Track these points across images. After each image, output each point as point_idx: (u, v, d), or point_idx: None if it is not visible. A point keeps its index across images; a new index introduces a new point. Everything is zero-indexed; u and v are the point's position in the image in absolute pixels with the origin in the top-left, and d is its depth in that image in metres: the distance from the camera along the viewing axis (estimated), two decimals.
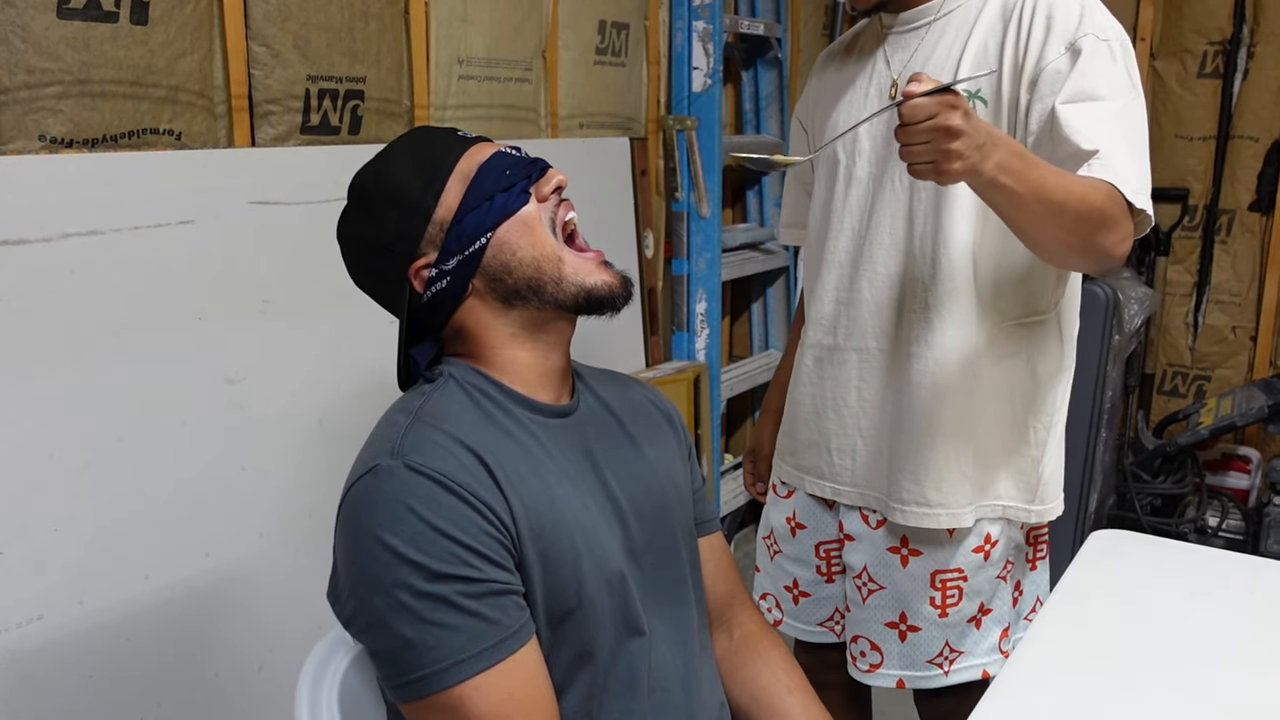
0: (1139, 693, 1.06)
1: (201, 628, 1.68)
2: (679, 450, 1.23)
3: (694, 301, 2.83)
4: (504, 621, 0.93)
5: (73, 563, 1.52)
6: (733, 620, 1.26)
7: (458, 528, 0.92)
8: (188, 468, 1.66)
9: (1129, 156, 1.23)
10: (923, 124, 1.03)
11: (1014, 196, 1.12)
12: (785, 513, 1.63)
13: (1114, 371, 3.03)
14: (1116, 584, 1.33)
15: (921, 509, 1.43)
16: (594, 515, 1.04)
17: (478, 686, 0.92)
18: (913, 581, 1.46)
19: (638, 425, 1.18)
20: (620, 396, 1.20)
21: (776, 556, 1.66)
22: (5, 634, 1.45)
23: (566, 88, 2.43)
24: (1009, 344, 1.41)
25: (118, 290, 1.55)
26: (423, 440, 0.97)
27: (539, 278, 1.05)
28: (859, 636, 1.53)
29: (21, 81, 1.45)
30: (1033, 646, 1.17)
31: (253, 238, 1.71)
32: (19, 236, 1.43)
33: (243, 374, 1.71)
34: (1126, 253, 1.23)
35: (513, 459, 1.00)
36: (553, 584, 0.99)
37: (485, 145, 1.09)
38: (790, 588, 1.64)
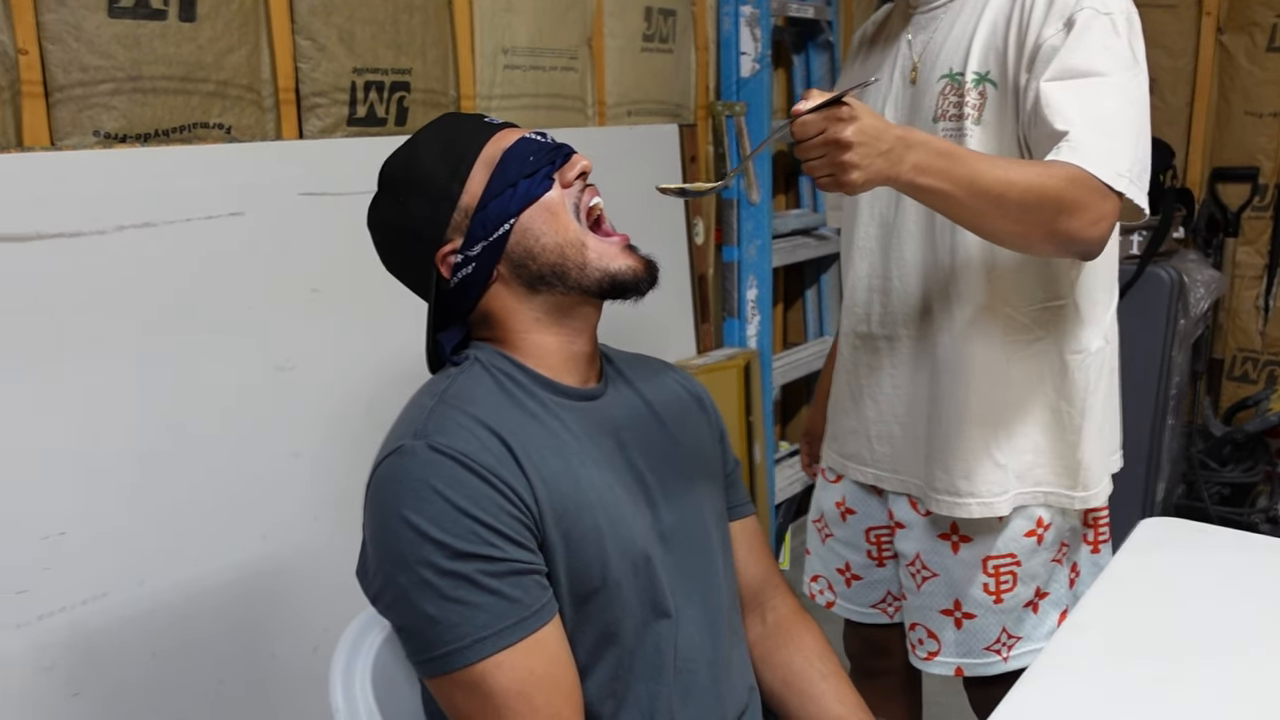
0: (1177, 683, 1.04)
1: (258, 608, 1.73)
2: (710, 433, 1.23)
3: (745, 288, 2.82)
4: (525, 600, 0.95)
5: (133, 543, 1.57)
6: (766, 604, 1.26)
7: (479, 507, 0.94)
8: (242, 453, 1.70)
9: (1112, 136, 1.19)
10: (814, 139, 1.04)
11: (942, 195, 1.11)
12: (835, 497, 1.63)
13: (1180, 357, 2.96)
14: (1163, 572, 1.30)
15: (952, 498, 1.41)
16: (619, 497, 1.05)
17: (499, 663, 0.93)
18: (965, 568, 1.45)
19: (667, 409, 1.18)
20: (650, 380, 1.20)
21: (828, 540, 1.66)
22: (71, 610, 1.51)
23: (613, 75, 2.44)
24: (1035, 329, 1.39)
25: (171, 281, 1.60)
26: (446, 422, 0.99)
27: (562, 263, 1.06)
28: (916, 624, 1.52)
29: (76, 79, 1.50)
30: (1072, 634, 1.16)
31: (301, 228, 1.75)
32: (75, 229, 1.48)
33: (293, 361, 1.75)
34: (1103, 235, 1.19)
35: (536, 441, 1.01)
36: (576, 564, 1.00)
37: (510, 131, 1.10)
38: (842, 570, 1.64)
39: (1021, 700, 1.02)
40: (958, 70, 1.34)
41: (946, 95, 1.35)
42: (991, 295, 1.37)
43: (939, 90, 1.36)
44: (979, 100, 1.32)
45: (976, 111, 1.32)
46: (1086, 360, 1.40)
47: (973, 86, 1.32)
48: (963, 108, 1.33)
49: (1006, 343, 1.38)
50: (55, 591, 1.50)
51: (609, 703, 1.04)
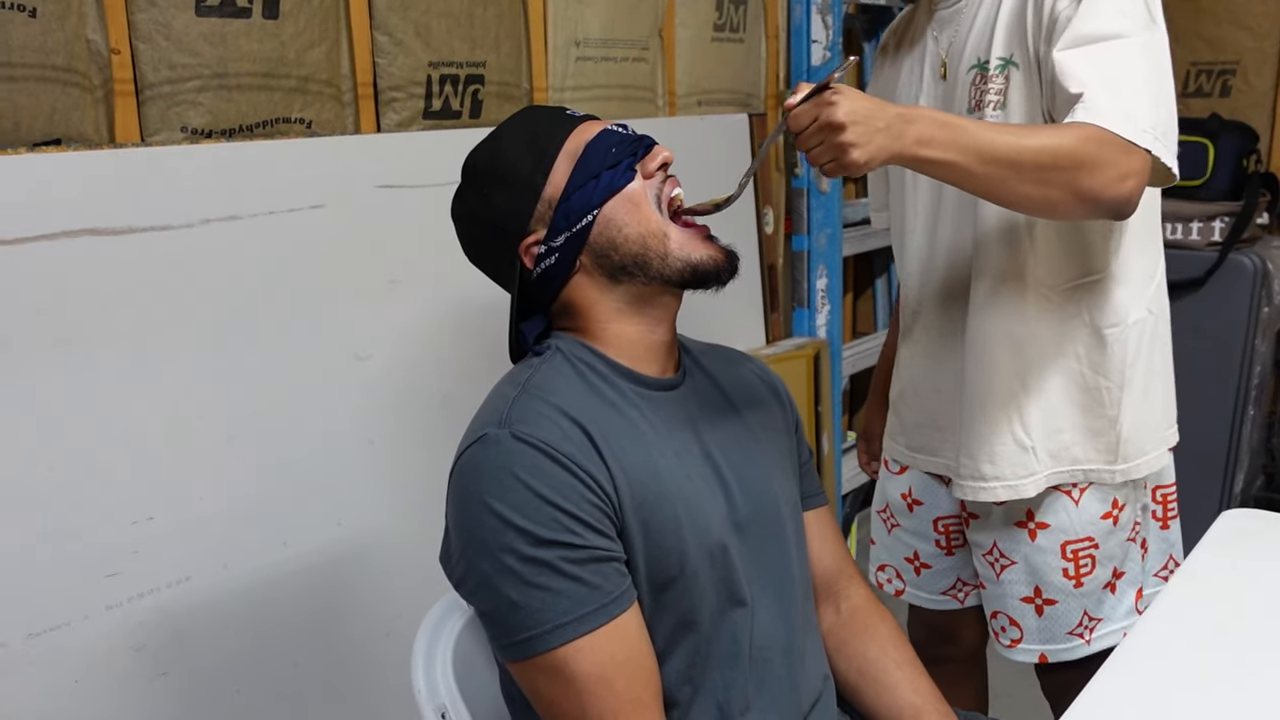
0: (1258, 673, 1.03)
1: (334, 593, 1.77)
2: (785, 424, 1.24)
3: (814, 278, 2.81)
4: (606, 587, 0.96)
5: (217, 529, 1.62)
6: (840, 594, 1.26)
7: (561, 495, 0.96)
8: (320, 441, 1.74)
9: (1131, 94, 1.17)
10: (809, 128, 1.04)
11: (952, 166, 1.10)
12: (901, 488, 1.63)
13: (1263, 346, 2.88)
14: (1243, 563, 1.28)
15: (977, 483, 1.42)
16: (697, 486, 1.06)
17: (580, 648, 0.95)
18: (1043, 555, 1.44)
19: (743, 399, 1.19)
20: (726, 371, 1.21)
21: (895, 530, 1.66)
22: (157, 593, 1.56)
23: (684, 65, 2.44)
24: (1068, 307, 1.37)
25: (255, 272, 1.64)
26: (529, 411, 1.01)
27: (644, 254, 1.07)
28: (998, 613, 1.51)
29: (165, 77, 1.54)
30: (1152, 624, 1.14)
31: (379, 220, 1.79)
32: (164, 223, 1.53)
33: (370, 351, 1.78)
34: (1132, 192, 1.16)
35: (616, 430, 1.03)
36: (655, 552, 1.01)
37: (592, 123, 1.12)
38: (911, 559, 1.65)
39: (1101, 689, 1.02)
40: (984, 59, 1.34)
41: (977, 85, 1.35)
42: (1027, 275, 1.36)
43: (970, 82, 1.37)
44: (1003, 84, 1.32)
45: (1000, 96, 1.32)
46: (1124, 333, 1.38)
47: (997, 73, 1.32)
48: (992, 94, 1.33)
49: (1034, 322, 1.38)
50: (144, 574, 1.55)
51: (685, 689, 1.05)
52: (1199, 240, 2.88)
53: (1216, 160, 2.88)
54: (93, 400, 1.48)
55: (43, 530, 1.44)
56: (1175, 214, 2.91)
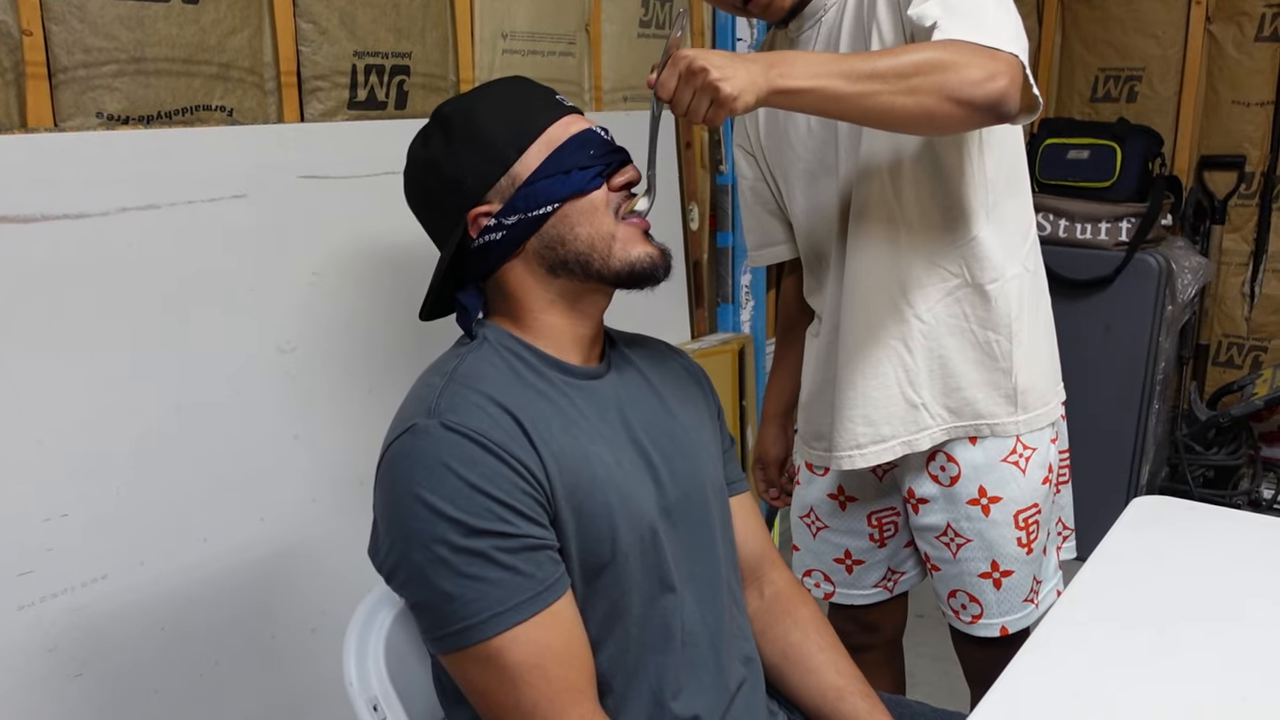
0: (1171, 652, 1.07)
1: (257, 590, 1.74)
2: (709, 411, 1.26)
3: (739, 274, 2.84)
4: (539, 575, 0.96)
5: (134, 525, 1.58)
6: (763, 578, 1.28)
7: (494, 484, 0.95)
8: (242, 436, 1.71)
9: (982, 16, 1.18)
10: (678, 88, 1.06)
11: (821, 93, 1.11)
12: (828, 488, 1.64)
13: (1166, 342, 2.99)
14: (1156, 548, 1.33)
15: (875, 446, 1.46)
16: (627, 472, 1.07)
17: (515, 638, 0.95)
18: (998, 528, 1.49)
19: (668, 386, 1.21)
20: (651, 359, 1.23)
21: (820, 533, 1.67)
22: (71, 592, 1.51)
23: (610, 61, 2.44)
24: (949, 267, 1.42)
25: (174, 263, 1.60)
26: (458, 400, 1.00)
27: (589, 254, 1.09)
28: (956, 591, 1.55)
29: (79, 60, 1.50)
30: (1068, 608, 1.18)
31: (303, 211, 1.76)
32: (79, 210, 1.48)
33: (294, 344, 1.75)
34: (1006, 90, 1.15)
35: (546, 418, 1.03)
36: (587, 539, 1.01)
37: (577, 119, 1.13)
38: (841, 559, 1.67)
39: (1021, 669, 1.04)
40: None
41: None
42: (902, 243, 1.40)
43: None
44: None
45: None
46: (1005, 287, 1.43)
47: None
48: None
49: (922, 286, 1.42)
50: (57, 573, 1.50)
51: (619, 675, 1.06)
52: (1107, 240, 2.98)
53: (1124, 163, 2.98)
54: (3, 393, 1.43)
55: None
56: (1085, 214, 3.00)
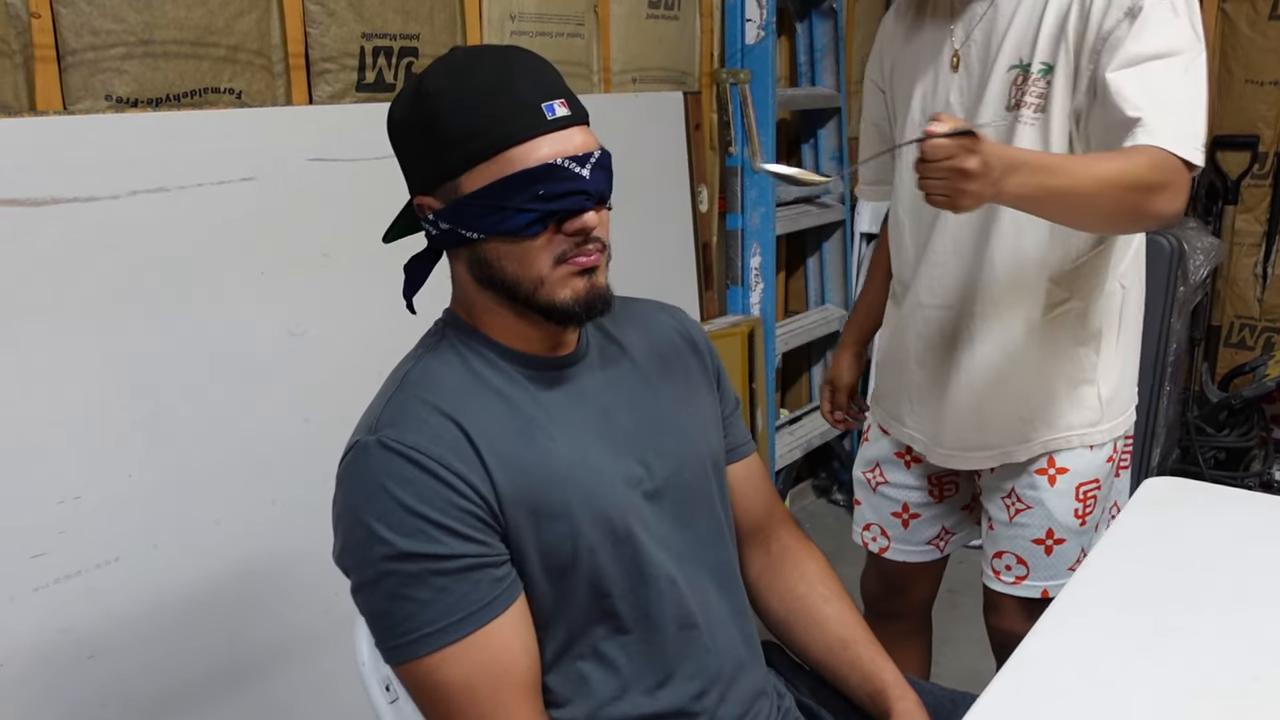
0: (1182, 634, 1.06)
1: (270, 572, 1.75)
2: (705, 377, 1.22)
3: (748, 256, 2.83)
4: (474, 596, 0.95)
5: (147, 508, 1.59)
6: (770, 536, 1.27)
7: (427, 504, 0.94)
8: (253, 419, 1.71)
9: (1182, 114, 1.26)
10: (941, 162, 1.09)
11: (1040, 205, 1.23)
12: (895, 447, 1.70)
13: (1178, 324, 2.98)
14: (1167, 529, 1.32)
15: (971, 452, 1.55)
16: (594, 467, 1.04)
17: (445, 658, 0.95)
18: (1060, 499, 1.54)
19: (655, 359, 1.17)
20: (637, 328, 1.18)
21: (880, 487, 1.72)
22: (85, 574, 1.52)
23: (619, 42, 2.43)
24: (1061, 291, 1.47)
25: (184, 245, 1.60)
26: (401, 412, 0.99)
27: (515, 287, 1.02)
28: (1004, 552, 1.59)
29: (87, 43, 1.49)
30: (1079, 589, 1.18)
31: (312, 193, 1.76)
32: (89, 194, 1.49)
33: (304, 327, 1.76)
34: (1182, 206, 1.27)
35: (500, 423, 1.00)
36: (546, 541, 1.00)
37: (544, 143, 0.97)
38: (899, 513, 1.72)
39: (1032, 652, 1.04)
40: (1026, 61, 1.40)
41: (1018, 85, 1.41)
42: (1030, 267, 1.45)
43: (1010, 81, 1.42)
44: (1044, 89, 1.39)
45: (1042, 100, 1.39)
46: (1102, 304, 1.49)
47: (1040, 76, 1.39)
48: (1034, 95, 1.40)
49: (1041, 303, 1.47)
50: (71, 555, 1.51)
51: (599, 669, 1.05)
52: None
53: None
54: (16, 376, 1.44)
55: None
56: None
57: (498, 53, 1.01)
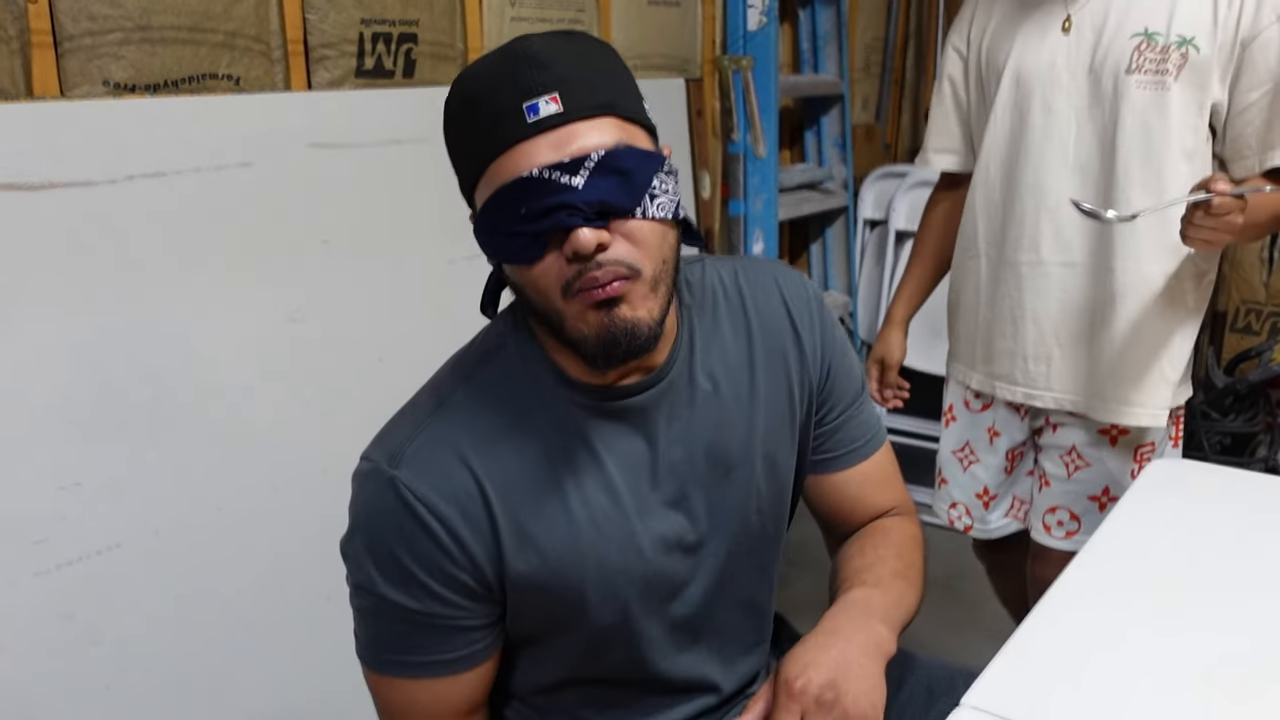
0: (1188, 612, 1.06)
1: (271, 558, 1.75)
2: (800, 375, 1.04)
3: (751, 242, 2.82)
4: (440, 651, 0.94)
5: (147, 494, 1.59)
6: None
7: (418, 563, 0.90)
8: (253, 404, 1.71)
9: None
10: (1223, 217, 1.26)
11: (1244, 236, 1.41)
12: (986, 423, 1.76)
13: None
14: (1173, 509, 1.31)
15: (1122, 406, 1.59)
16: (621, 528, 0.95)
17: (392, 684, 0.97)
18: (1119, 459, 1.63)
19: (742, 371, 1.01)
20: (735, 325, 1.01)
21: (971, 467, 1.79)
22: (86, 560, 1.52)
23: (620, 28, 2.42)
24: (1189, 258, 1.55)
25: (183, 232, 1.60)
26: (426, 455, 0.91)
27: (546, 321, 0.90)
28: (1058, 508, 1.67)
29: (85, 28, 1.49)
30: (1080, 571, 1.17)
31: (311, 180, 1.75)
32: (86, 178, 1.48)
33: (304, 313, 1.75)
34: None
35: (529, 474, 0.92)
36: (549, 610, 0.96)
37: (528, 150, 0.83)
38: (981, 494, 1.79)
39: (1033, 631, 1.04)
40: (1155, 30, 1.47)
41: (1142, 51, 1.47)
42: (1165, 228, 1.49)
43: (1133, 46, 1.48)
44: (1180, 61, 1.46)
45: (1177, 70, 1.46)
46: (1205, 278, 1.59)
47: (1175, 48, 1.46)
48: (1163, 64, 1.46)
49: (1177, 271, 1.55)
50: (72, 541, 1.51)
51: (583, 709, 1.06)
52: None
53: None
54: (15, 362, 1.44)
55: None
56: None
57: (505, 47, 0.86)
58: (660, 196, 0.86)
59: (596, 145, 0.83)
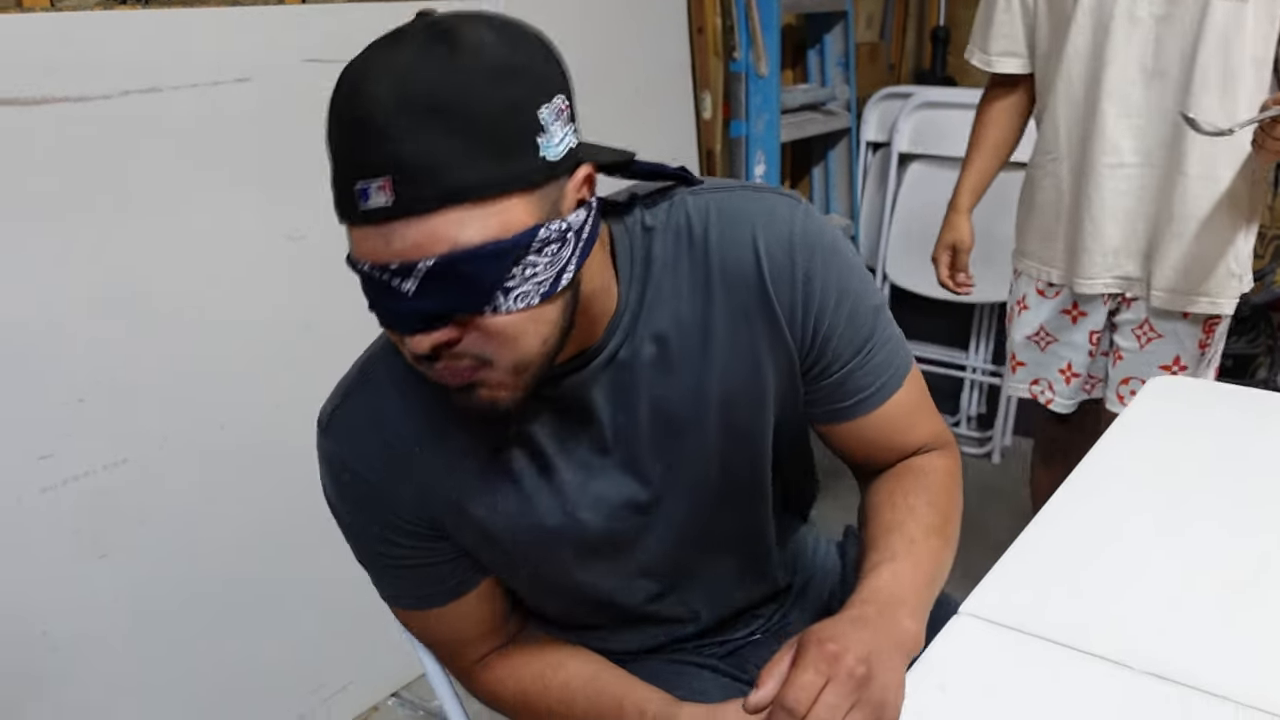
0: (1184, 529, 1.07)
1: (278, 478, 1.76)
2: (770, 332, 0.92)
3: (752, 164, 2.80)
4: (419, 585, 0.97)
5: (151, 410, 1.60)
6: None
7: (363, 516, 0.94)
8: (254, 324, 1.72)
9: None
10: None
11: None
12: (1062, 305, 1.87)
13: None
14: (1172, 423, 1.32)
15: (1188, 296, 1.71)
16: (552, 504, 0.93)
17: (403, 615, 1.02)
18: (1190, 330, 1.76)
19: (698, 332, 0.91)
20: (696, 284, 0.90)
21: (1051, 346, 1.91)
22: (93, 475, 1.54)
23: None
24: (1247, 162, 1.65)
25: (179, 147, 1.59)
26: (350, 416, 0.90)
27: None
28: (1130, 378, 1.80)
29: None
30: (1079, 481, 1.17)
31: (309, 95, 1.72)
32: (80, 93, 1.47)
33: (303, 231, 1.74)
34: None
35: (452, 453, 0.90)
36: (488, 559, 0.98)
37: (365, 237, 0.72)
38: (1064, 370, 1.91)
39: (1031, 542, 1.05)
40: None
41: None
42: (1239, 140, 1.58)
43: None
44: None
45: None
46: (1261, 186, 1.70)
47: None
48: None
49: (1238, 174, 1.64)
50: (77, 456, 1.53)
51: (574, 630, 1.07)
52: None
53: None
54: (15, 277, 1.44)
55: None
56: None
57: (359, 62, 0.72)
58: (523, 285, 0.73)
59: (427, 251, 0.69)
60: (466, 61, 0.69)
